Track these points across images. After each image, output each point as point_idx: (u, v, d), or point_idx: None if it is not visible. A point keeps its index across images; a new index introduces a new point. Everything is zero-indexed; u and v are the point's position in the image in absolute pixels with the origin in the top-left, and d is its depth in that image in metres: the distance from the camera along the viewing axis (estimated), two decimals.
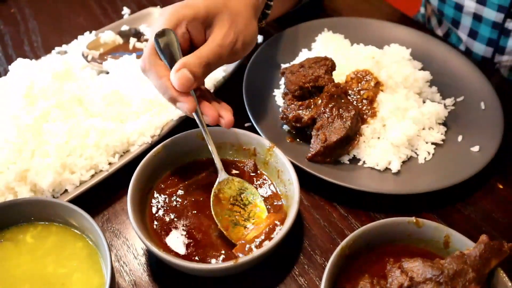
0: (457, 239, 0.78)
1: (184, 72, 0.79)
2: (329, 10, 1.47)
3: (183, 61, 0.81)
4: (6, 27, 1.38)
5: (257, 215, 0.85)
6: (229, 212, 0.84)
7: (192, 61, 0.81)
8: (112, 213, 0.92)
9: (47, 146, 0.90)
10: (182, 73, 0.79)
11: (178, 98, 0.81)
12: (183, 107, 0.81)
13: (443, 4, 1.32)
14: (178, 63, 0.80)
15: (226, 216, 0.83)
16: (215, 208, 0.83)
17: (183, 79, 0.79)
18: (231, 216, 0.84)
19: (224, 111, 0.86)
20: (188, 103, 0.80)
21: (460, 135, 1.04)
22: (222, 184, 0.86)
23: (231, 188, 0.86)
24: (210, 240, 0.82)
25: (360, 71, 1.05)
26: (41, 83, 0.98)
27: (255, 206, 0.85)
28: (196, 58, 0.81)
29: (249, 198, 0.86)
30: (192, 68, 0.80)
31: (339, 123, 0.93)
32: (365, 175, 0.95)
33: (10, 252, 0.76)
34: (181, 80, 0.79)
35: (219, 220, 0.82)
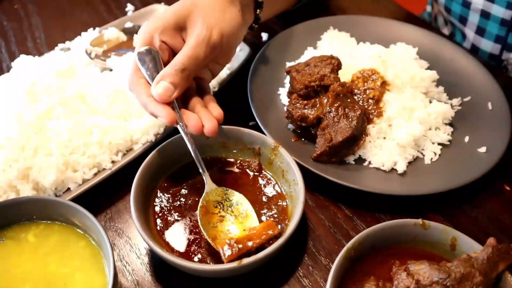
0: (464, 242, 0.77)
1: (162, 84, 0.81)
2: (334, 8, 1.46)
3: (161, 73, 0.82)
4: (9, 23, 1.38)
5: (247, 223, 0.82)
6: (217, 223, 0.82)
7: (169, 71, 0.82)
8: (115, 212, 0.91)
9: (50, 144, 0.89)
10: (160, 85, 0.81)
11: (156, 112, 0.81)
12: (162, 120, 0.81)
13: (450, 1, 1.31)
14: (157, 77, 0.82)
15: (213, 226, 0.81)
16: (203, 219, 0.81)
17: (162, 90, 0.81)
18: (219, 227, 0.81)
19: (207, 119, 0.84)
20: (165, 116, 0.80)
21: (467, 135, 1.03)
22: (209, 195, 0.84)
23: (219, 199, 0.84)
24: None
25: (366, 70, 1.04)
26: (45, 80, 0.97)
27: (245, 216, 0.84)
28: (171, 67, 0.82)
29: (239, 208, 0.84)
30: (169, 78, 0.81)
31: (345, 122, 0.92)
32: (371, 176, 0.94)
33: (12, 250, 0.75)
34: (160, 92, 0.81)
35: (206, 230, 0.80)
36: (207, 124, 0.83)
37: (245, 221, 0.83)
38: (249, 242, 0.77)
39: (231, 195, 0.85)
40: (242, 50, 1.16)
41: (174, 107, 0.83)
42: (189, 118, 0.83)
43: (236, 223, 0.82)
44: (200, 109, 0.86)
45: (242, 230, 0.81)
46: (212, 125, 0.83)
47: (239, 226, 0.82)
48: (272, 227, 0.79)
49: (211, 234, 0.80)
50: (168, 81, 0.81)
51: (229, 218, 0.83)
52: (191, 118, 0.83)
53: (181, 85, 0.83)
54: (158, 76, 0.82)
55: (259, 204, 0.87)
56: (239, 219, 0.83)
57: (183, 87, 0.83)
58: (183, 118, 0.83)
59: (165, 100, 0.81)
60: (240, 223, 0.82)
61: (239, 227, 0.82)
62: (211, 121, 0.83)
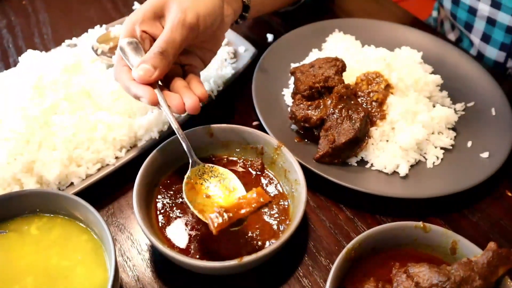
0: (465, 246, 0.78)
1: (142, 66, 0.83)
2: (339, 11, 1.46)
3: (142, 58, 0.85)
4: (17, 19, 1.38)
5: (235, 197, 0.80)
6: (203, 198, 0.81)
7: (148, 55, 0.84)
8: (117, 207, 0.92)
9: (54, 138, 0.90)
10: (140, 67, 0.83)
11: (138, 93, 0.83)
12: (144, 100, 0.83)
13: (456, 7, 1.31)
14: (138, 62, 0.85)
15: (199, 202, 0.80)
16: (188, 194, 0.80)
17: (142, 71, 0.83)
18: (206, 202, 0.80)
19: (188, 97, 0.85)
20: (146, 95, 0.82)
21: (470, 140, 1.03)
22: (195, 172, 0.83)
23: (205, 175, 0.84)
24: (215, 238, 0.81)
25: (370, 73, 1.04)
26: (51, 75, 0.97)
27: (233, 190, 0.82)
28: (150, 51, 0.85)
29: (226, 183, 0.83)
30: (149, 61, 0.83)
31: (348, 124, 0.93)
32: (373, 178, 0.95)
33: (15, 243, 0.75)
34: (141, 73, 0.83)
35: (192, 205, 0.78)
36: (187, 101, 0.84)
37: (233, 195, 0.81)
38: (240, 210, 0.75)
39: (217, 171, 0.84)
40: (247, 51, 1.17)
41: (156, 89, 0.84)
42: (171, 98, 0.84)
43: (224, 197, 0.81)
44: (181, 89, 0.87)
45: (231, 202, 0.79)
46: (192, 102, 0.84)
47: (227, 201, 0.80)
48: (262, 194, 0.77)
49: (198, 208, 0.78)
50: (148, 64, 0.83)
51: (217, 194, 0.82)
52: (173, 98, 0.84)
53: (161, 67, 0.84)
54: (139, 61, 0.85)
55: None
56: (226, 193, 0.82)
57: (162, 69, 0.84)
58: (165, 100, 0.84)
59: (146, 81, 0.83)
60: (228, 197, 0.81)
61: (227, 201, 0.80)
62: (191, 98, 0.84)
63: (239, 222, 0.76)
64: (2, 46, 1.29)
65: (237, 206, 0.76)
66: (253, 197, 0.77)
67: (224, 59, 1.14)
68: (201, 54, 0.95)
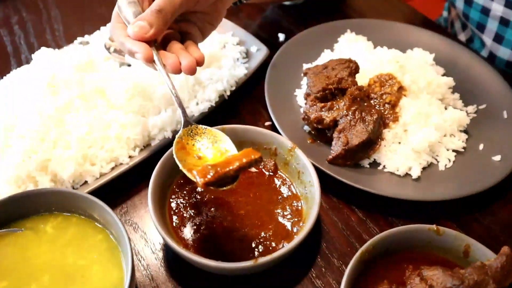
0: (477, 249, 0.78)
1: (137, 23, 0.83)
2: (349, 10, 1.46)
3: (139, 16, 0.84)
4: (28, 15, 1.39)
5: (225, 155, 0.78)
6: (194, 159, 0.79)
7: (145, 12, 0.84)
8: (130, 206, 0.92)
9: (68, 137, 0.90)
10: (136, 24, 0.83)
11: (133, 48, 0.82)
12: (139, 56, 0.82)
13: (469, 7, 1.31)
14: (135, 19, 0.84)
15: (189, 162, 0.78)
16: (178, 153, 0.78)
17: (137, 28, 0.82)
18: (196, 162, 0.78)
19: (184, 57, 0.84)
20: (141, 51, 0.81)
21: (482, 143, 1.03)
22: (186, 132, 0.82)
23: (198, 136, 0.82)
24: (229, 238, 0.82)
25: (383, 74, 1.04)
26: (64, 73, 0.98)
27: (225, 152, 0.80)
28: (148, 9, 0.84)
29: (219, 145, 0.81)
30: (145, 18, 0.83)
31: (362, 126, 0.93)
32: (385, 180, 0.95)
33: (31, 241, 0.76)
34: (136, 30, 0.82)
35: (182, 164, 0.76)
36: (183, 61, 0.83)
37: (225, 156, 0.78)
38: (228, 165, 0.72)
39: (210, 132, 0.83)
40: (259, 50, 1.17)
41: (152, 47, 0.83)
42: (166, 57, 0.84)
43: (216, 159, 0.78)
44: (178, 50, 0.86)
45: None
46: (189, 62, 0.83)
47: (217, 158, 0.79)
48: (252, 152, 0.74)
49: (187, 167, 0.75)
50: (144, 21, 0.82)
51: (208, 155, 0.80)
52: (169, 57, 0.84)
53: (157, 25, 0.83)
54: (136, 18, 0.84)
55: (274, 204, 0.87)
56: (218, 155, 0.79)
57: (158, 27, 0.84)
58: (161, 59, 0.83)
59: (141, 38, 0.82)
60: (219, 159, 0.78)
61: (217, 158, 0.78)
62: (188, 58, 0.83)
63: (230, 181, 0.72)
64: (14, 42, 1.29)
65: (225, 162, 0.73)
66: (242, 154, 0.74)
67: (236, 59, 1.15)
68: (201, 25, 0.94)
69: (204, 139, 0.82)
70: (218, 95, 1.04)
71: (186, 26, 0.92)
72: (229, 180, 0.73)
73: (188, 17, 0.91)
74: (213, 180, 0.70)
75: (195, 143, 0.81)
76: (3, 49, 1.27)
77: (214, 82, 1.05)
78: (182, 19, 0.90)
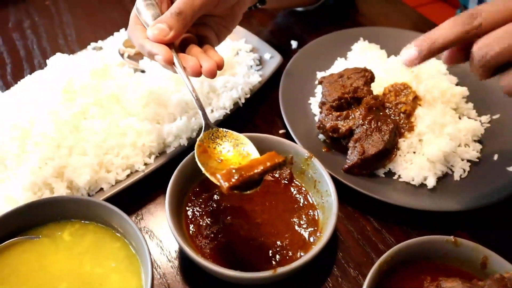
0: (495, 261, 0.78)
1: (157, 25, 0.83)
2: (360, 16, 1.47)
3: (158, 19, 0.85)
4: (40, 20, 1.39)
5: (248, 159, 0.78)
6: (216, 162, 0.79)
7: (165, 14, 0.84)
8: (146, 213, 0.92)
9: (85, 144, 0.90)
10: (155, 26, 0.83)
11: (153, 50, 0.83)
12: (159, 58, 0.82)
13: None
14: (154, 22, 0.84)
15: (211, 165, 0.78)
16: (200, 157, 0.78)
17: (157, 30, 0.83)
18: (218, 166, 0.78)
19: (205, 60, 0.84)
20: (162, 53, 0.82)
21: (496, 153, 1.03)
22: (207, 135, 0.82)
23: (219, 139, 0.82)
24: (246, 247, 0.82)
25: (398, 84, 1.04)
26: (80, 79, 0.98)
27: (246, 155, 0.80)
28: (167, 11, 0.84)
29: (240, 148, 0.81)
30: (165, 20, 0.83)
31: (378, 136, 0.93)
32: (400, 190, 0.95)
33: (48, 248, 0.76)
34: (156, 32, 0.83)
35: (205, 168, 0.75)
36: (204, 64, 0.83)
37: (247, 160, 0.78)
38: (253, 169, 0.71)
39: (231, 135, 0.82)
40: (273, 58, 1.17)
41: (172, 49, 0.83)
42: (187, 60, 0.84)
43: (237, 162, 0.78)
44: (198, 53, 0.86)
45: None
46: (210, 65, 0.83)
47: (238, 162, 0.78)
48: (276, 156, 0.73)
49: (210, 171, 0.75)
50: (165, 23, 0.83)
51: (230, 159, 0.79)
52: (189, 59, 0.83)
53: (177, 28, 0.83)
54: (155, 20, 0.84)
55: (290, 212, 0.87)
56: (240, 158, 0.79)
57: (178, 30, 0.84)
58: (181, 61, 0.83)
59: (160, 40, 0.83)
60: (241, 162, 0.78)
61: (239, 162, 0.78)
62: (209, 61, 0.83)
63: (254, 185, 0.72)
64: (27, 47, 1.29)
65: (249, 165, 0.73)
66: (266, 157, 0.74)
67: (250, 66, 1.15)
68: (217, 29, 0.94)
69: (225, 142, 0.81)
70: (233, 103, 1.04)
71: (203, 29, 0.92)
72: (252, 184, 0.72)
73: (205, 20, 0.92)
74: (238, 183, 0.70)
75: (216, 146, 0.81)
76: (16, 54, 1.27)
77: (228, 89, 1.05)
78: (199, 22, 0.90)
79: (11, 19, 1.38)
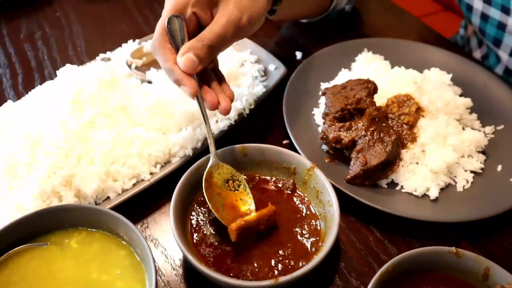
0: (497, 272, 0.78)
1: (189, 55, 0.84)
2: (363, 26, 1.48)
3: (188, 45, 0.85)
4: (51, 31, 1.42)
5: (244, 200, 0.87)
6: (218, 197, 0.86)
7: (196, 44, 0.85)
8: (151, 222, 0.94)
9: (92, 153, 0.92)
10: (187, 56, 0.84)
11: (182, 81, 0.85)
12: (185, 89, 0.85)
13: (485, 23, 1.31)
14: (183, 47, 0.85)
15: (216, 199, 0.85)
16: (207, 192, 0.85)
17: (188, 61, 0.84)
18: (221, 200, 0.86)
19: (222, 98, 0.88)
20: (190, 86, 0.84)
21: (500, 164, 1.03)
22: (212, 169, 0.88)
23: (221, 174, 0.88)
24: (249, 256, 0.83)
25: (401, 95, 1.06)
26: (89, 90, 1.00)
27: (243, 193, 0.88)
28: (199, 42, 0.85)
29: (237, 186, 0.88)
30: (196, 51, 0.84)
31: (380, 147, 0.94)
32: (403, 200, 0.95)
33: (56, 255, 0.78)
34: (186, 63, 0.84)
35: (210, 203, 0.84)
36: (222, 103, 0.87)
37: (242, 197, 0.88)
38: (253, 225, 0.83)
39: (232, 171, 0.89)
40: (277, 69, 1.19)
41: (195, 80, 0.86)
42: (206, 93, 0.87)
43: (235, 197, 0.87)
44: (215, 87, 0.89)
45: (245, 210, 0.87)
46: (227, 104, 0.87)
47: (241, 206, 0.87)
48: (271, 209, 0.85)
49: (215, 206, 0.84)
50: (195, 54, 0.84)
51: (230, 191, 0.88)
52: (209, 93, 0.87)
53: (205, 61, 0.86)
54: (185, 46, 0.85)
55: (293, 222, 0.88)
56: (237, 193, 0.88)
57: (206, 62, 0.86)
58: (201, 92, 0.87)
59: (189, 72, 0.84)
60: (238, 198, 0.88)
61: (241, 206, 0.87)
62: (226, 101, 0.87)
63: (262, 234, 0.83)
64: (38, 57, 1.32)
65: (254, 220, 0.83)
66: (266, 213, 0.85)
67: (254, 77, 1.16)
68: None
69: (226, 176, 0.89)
70: (237, 113, 1.06)
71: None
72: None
73: None
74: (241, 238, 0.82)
75: (218, 177, 0.88)
76: (27, 64, 1.30)
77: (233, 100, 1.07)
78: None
79: (23, 30, 1.42)
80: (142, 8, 1.51)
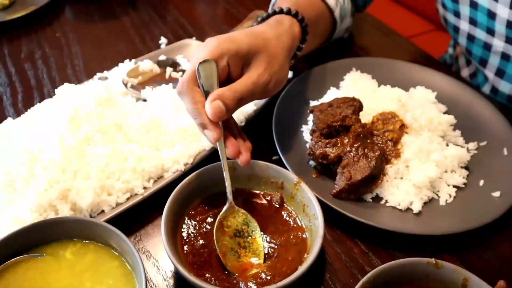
0: (475, 283, 0.81)
1: (218, 103, 0.86)
2: (356, 48, 1.53)
3: (219, 92, 0.87)
4: (51, 50, 1.47)
5: (254, 248, 0.89)
6: (228, 239, 0.89)
7: (227, 94, 0.87)
8: (144, 234, 0.97)
9: (88, 168, 0.96)
10: (216, 103, 0.85)
11: (208, 126, 0.87)
12: (210, 135, 0.87)
13: (471, 43, 1.36)
14: (214, 94, 0.87)
15: (225, 242, 0.88)
16: (217, 234, 0.88)
17: (217, 109, 0.85)
18: (230, 244, 0.88)
19: (244, 149, 0.91)
20: (216, 133, 0.87)
21: (482, 179, 1.07)
22: (227, 212, 0.91)
23: (235, 218, 0.91)
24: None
25: (386, 113, 1.10)
26: (86, 108, 1.04)
27: (254, 241, 0.90)
28: (231, 92, 0.88)
29: (250, 232, 0.91)
30: (226, 101, 0.86)
31: (364, 162, 0.98)
32: (387, 214, 0.99)
33: (51, 266, 0.81)
34: (215, 110, 0.85)
35: (218, 245, 0.86)
36: (244, 154, 0.90)
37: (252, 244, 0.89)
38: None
39: (246, 217, 0.91)
40: None
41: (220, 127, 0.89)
42: (229, 142, 0.90)
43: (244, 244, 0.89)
44: (238, 138, 0.93)
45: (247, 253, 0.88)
46: (248, 156, 0.90)
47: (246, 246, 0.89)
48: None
49: (222, 249, 0.87)
50: (224, 103, 0.86)
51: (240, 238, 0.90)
52: (231, 143, 0.90)
53: (232, 111, 0.89)
54: (216, 93, 0.86)
55: (279, 234, 0.92)
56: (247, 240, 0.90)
57: (231, 113, 0.90)
58: (224, 140, 0.90)
59: (215, 120, 0.86)
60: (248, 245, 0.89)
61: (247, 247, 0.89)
62: (246, 152, 0.90)
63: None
64: (37, 76, 1.37)
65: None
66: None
67: None
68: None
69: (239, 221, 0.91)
70: None
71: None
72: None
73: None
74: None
75: (232, 221, 0.91)
76: (27, 83, 1.35)
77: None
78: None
79: (23, 50, 1.47)
80: (139, 29, 1.57)
